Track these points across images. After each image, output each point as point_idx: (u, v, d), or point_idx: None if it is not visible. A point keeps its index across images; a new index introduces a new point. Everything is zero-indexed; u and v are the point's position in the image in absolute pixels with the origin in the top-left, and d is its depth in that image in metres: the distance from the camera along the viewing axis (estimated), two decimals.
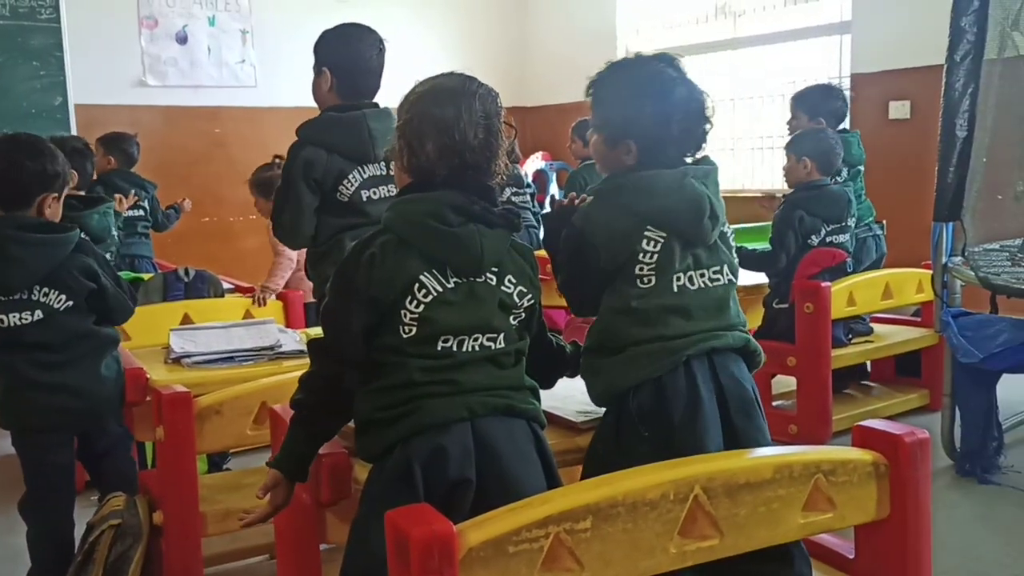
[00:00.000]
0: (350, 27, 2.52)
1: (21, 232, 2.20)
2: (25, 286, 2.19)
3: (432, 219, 1.49)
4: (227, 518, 2.15)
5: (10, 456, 2.41)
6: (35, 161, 2.23)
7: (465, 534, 1.19)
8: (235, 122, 6.46)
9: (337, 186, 2.42)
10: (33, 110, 5.75)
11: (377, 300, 1.48)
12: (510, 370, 1.57)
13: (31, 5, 5.81)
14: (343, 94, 2.47)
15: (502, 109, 1.58)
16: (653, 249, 1.69)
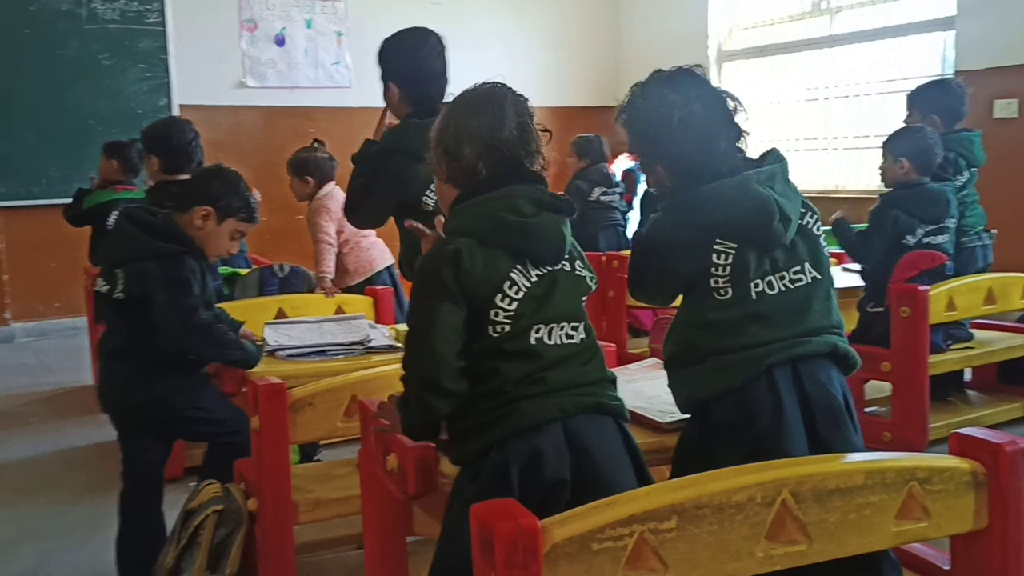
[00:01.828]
0: (406, 34, 2.53)
1: (129, 222, 2.34)
2: (113, 263, 2.32)
3: (508, 213, 1.51)
4: (318, 507, 2.20)
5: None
6: (207, 177, 2.43)
7: (550, 530, 1.20)
8: (329, 122, 6.60)
9: (422, 195, 2.45)
10: (140, 111, 5.99)
11: (468, 296, 1.48)
12: (591, 364, 1.57)
13: (139, 10, 6.05)
14: (413, 102, 2.50)
15: (534, 113, 1.60)
16: (725, 262, 1.66)
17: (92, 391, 4.57)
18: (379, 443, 1.80)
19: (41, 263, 5.92)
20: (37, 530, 2.97)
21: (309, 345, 2.62)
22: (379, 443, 1.80)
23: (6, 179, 5.80)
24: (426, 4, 6.33)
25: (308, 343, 2.63)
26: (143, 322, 2.28)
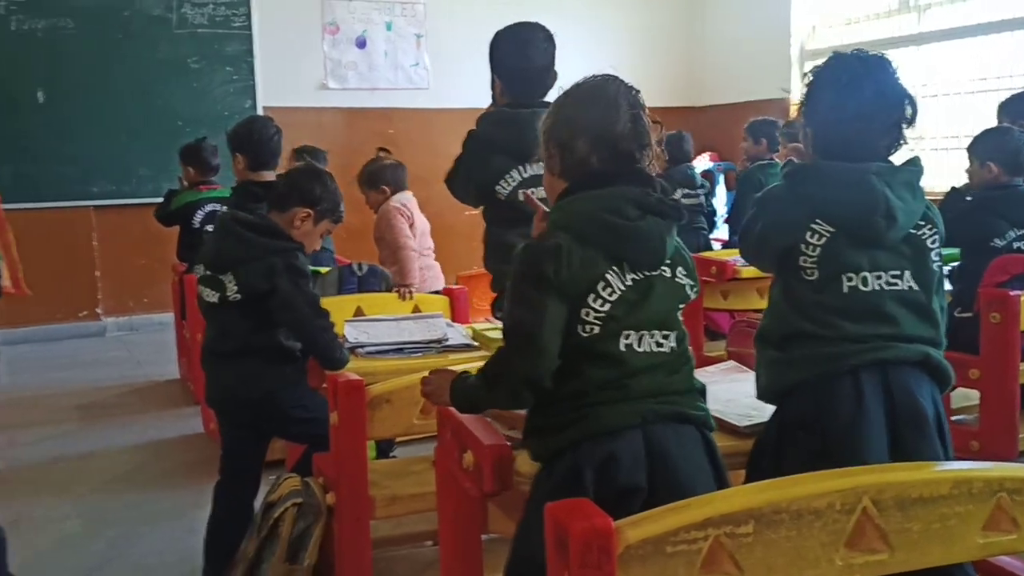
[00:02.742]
0: (516, 28, 2.54)
1: (236, 224, 2.42)
2: (220, 268, 2.38)
3: (611, 214, 1.49)
4: (394, 503, 2.23)
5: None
6: (308, 180, 2.49)
7: (624, 531, 1.20)
8: (408, 123, 6.68)
9: (495, 185, 2.46)
10: (226, 112, 6.15)
11: (567, 291, 1.47)
12: (679, 374, 1.55)
13: (226, 14, 6.21)
14: (515, 95, 2.51)
15: (645, 105, 1.58)
16: (817, 242, 1.66)
17: (178, 384, 4.73)
18: (455, 440, 1.82)
19: (131, 260, 6.13)
20: (125, 516, 3.08)
21: (388, 343, 2.66)
22: (455, 440, 1.82)
23: (99, 179, 6.02)
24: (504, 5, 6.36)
25: (387, 341, 2.67)
26: (262, 319, 2.38)
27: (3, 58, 5.66)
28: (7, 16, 5.68)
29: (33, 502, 3.13)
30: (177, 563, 2.66)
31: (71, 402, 4.47)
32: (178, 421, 4.09)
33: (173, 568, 2.66)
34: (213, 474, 2.53)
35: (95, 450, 3.78)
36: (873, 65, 1.72)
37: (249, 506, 2.45)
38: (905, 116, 1.70)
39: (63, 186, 5.91)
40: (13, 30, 5.69)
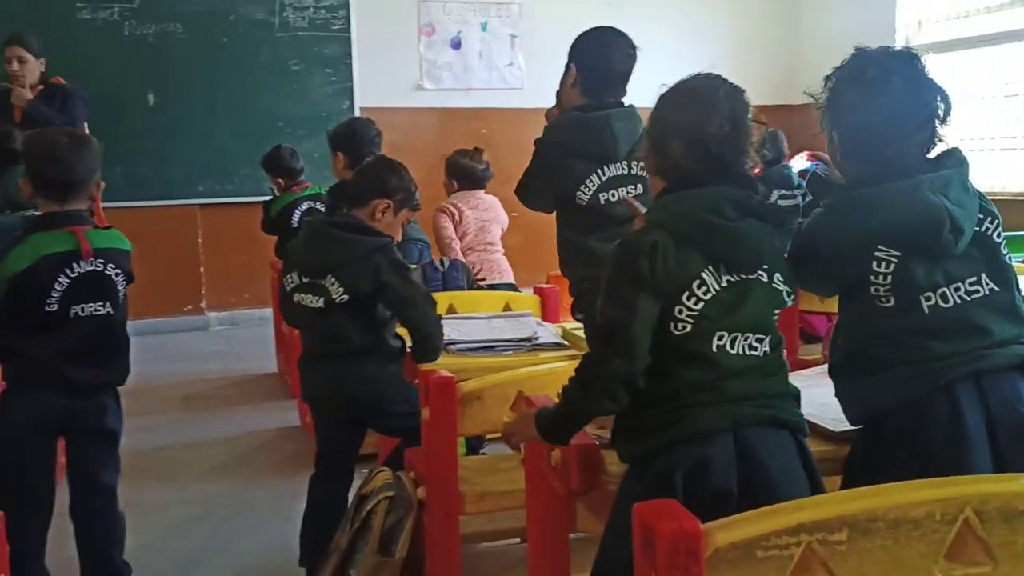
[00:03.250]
0: (603, 29, 2.54)
1: (329, 226, 2.46)
2: (320, 273, 2.42)
3: (711, 214, 1.48)
4: (483, 499, 2.25)
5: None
6: (382, 171, 2.54)
7: (713, 534, 1.19)
8: (501, 123, 6.72)
9: (575, 191, 2.45)
10: (324, 113, 6.29)
11: (661, 289, 1.46)
12: (774, 378, 1.52)
13: (326, 18, 6.36)
14: (587, 92, 2.50)
15: (749, 106, 1.55)
16: (886, 270, 1.57)
17: (276, 378, 4.86)
18: None
19: (233, 257, 6.33)
20: (226, 504, 3.19)
21: (478, 340, 2.68)
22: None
23: (204, 178, 6.23)
24: (599, 4, 6.33)
25: (477, 338, 2.70)
26: (370, 318, 2.43)
27: (116, 63, 5.91)
28: (120, 22, 5.93)
29: (140, 489, 3.26)
30: (274, 551, 2.74)
31: (176, 393, 4.64)
32: (276, 414, 4.21)
33: (271, 556, 2.74)
34: (309, 466, 2.60)
35: (198, 440, 3.92)
36: (899, 59, 1.62)
37: (343, 498, 2.51)
38: (937, 112, 1.60)
39: (170, 185, 6.15)
40: (126, 35, 5.94)
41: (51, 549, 2.51)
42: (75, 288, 2.26)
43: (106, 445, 2.39)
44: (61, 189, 2.29)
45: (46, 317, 2.25)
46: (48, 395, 2.28)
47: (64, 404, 2.29)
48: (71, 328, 2.28)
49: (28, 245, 2.25)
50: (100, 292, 2.31)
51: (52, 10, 5.71)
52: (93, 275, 2.29)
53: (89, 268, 2.28)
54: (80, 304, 2.28)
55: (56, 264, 2.24)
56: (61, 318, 2.26)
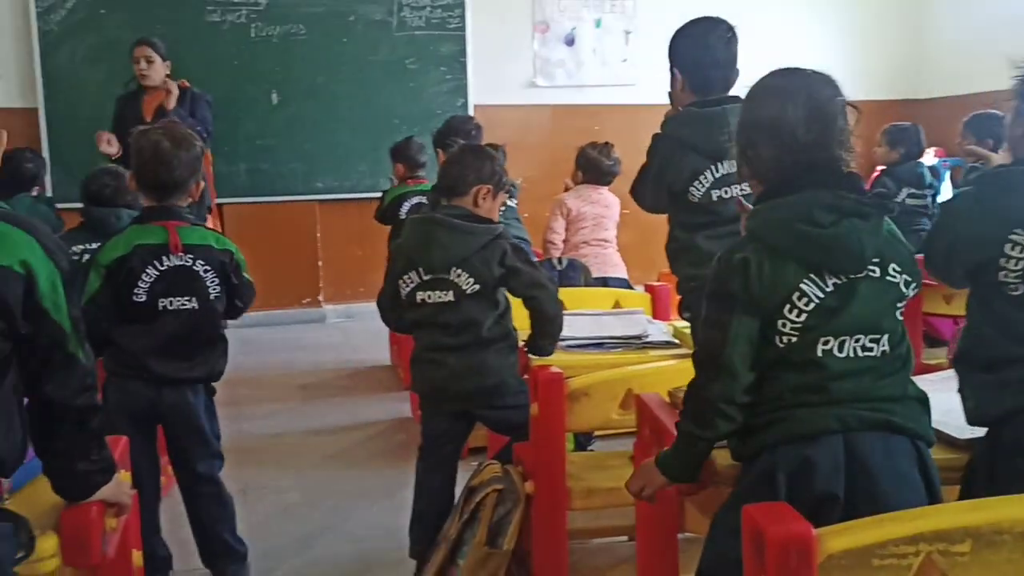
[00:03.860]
0: (695, 22, 2.48)
1: (448, 219, 2.45)
2: (444, 268, 2.44)
3: (803, 223, 1.44)
4: (591, 495, 2.25)
5: None
6: (477, 158, 2.53)
7: (826, 539, 1.16)
8: (614, 119, 6.69)
9: (688, 187, 2.41)
10: (439, 111, 6.39)
11: (758, 305, 1.44)
12: (891, 378, 1.47)
13: (442, 16, 6.46)
14: (695, 91, 2.46)
15: (840, 94, 1.49)
16: (1019, 255, 1.49)
17: (389, 370, 4.97)
18: (654, 437, 1.82)
19: (349, 251, 6.50)
20: (339, 491, 3.29)
21: (587, 337, 2.68)
22: (654, 437, 1.82)
23: (323, 174, 6.42)
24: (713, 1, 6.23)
25: (587, 335, 2.70)
26: (498, 304, 2.45)
27: (242, 64, 6.14)
28: (247, 24, 6.16)
29: (259, 473, 3.40)
30: (385, 538, 2.81)
31: (294, 382, 4.80)
32: (388, 405, 4.31)
33: (381, 542, 2.81)
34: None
35: (314, 428, 4.05)
36: None
37: (450, 489, 2.55)
38: None
39: (292, 181, 6.35)
40: (252, 37, 6.17)
41: (174, 528, 2.64)
42: (163, 281, 2.36)
43: (195, 439, 2.47)
44: (160, 188, 2.40)
45: (135, 308, 2.35)
46: (136, 385, 2.38)
47: (150, 396, 2.39)
48: (159, 321, 2.37)
49: (125, 236, 2.38)
50: (188, 287, 2.39)
51: (182, 14, 5.98)
52: (181, 269, 2.38)
53: (178, 262, 2.37)
54: (168, 297, 2.37)
55: (147, 255, 2.34)
56: (150, 310, 2.36)
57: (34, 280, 1.31)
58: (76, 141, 5.64)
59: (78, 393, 1.41)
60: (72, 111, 5.79)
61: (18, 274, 1.30)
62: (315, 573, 2.70)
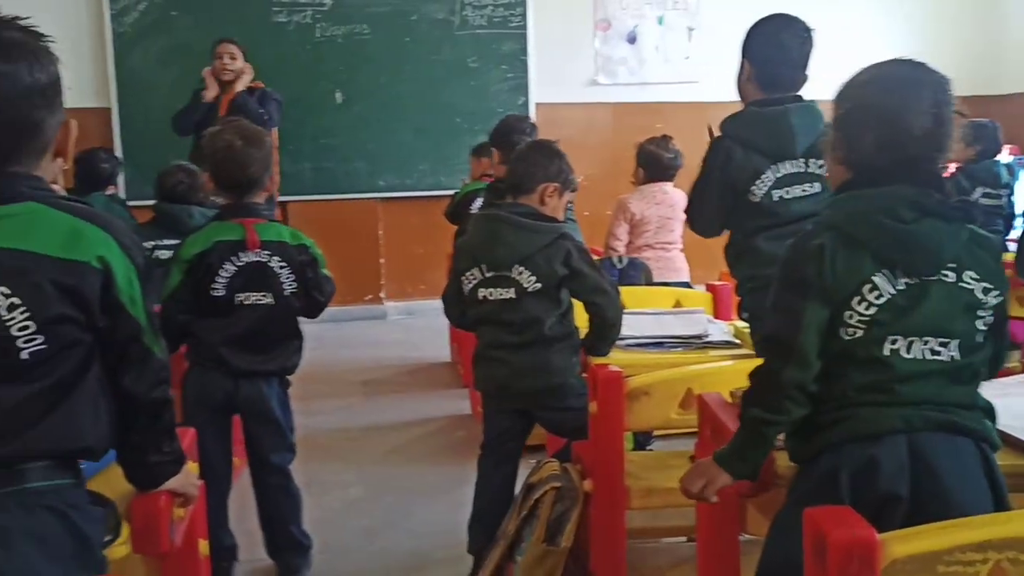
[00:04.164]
0: (773, 18, 2.45)
1: (512, 216, 2.45)
2: (506, 265, 2.44)
3: (885, 216, 1.42)
4: (650, 495, 2.24)
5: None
6: (544, 155, 2.52)
7: (889, 544, 1.14)
8: (677, 117, 6.63)
9: (750, 186, 2.38)
10: (500, 109, 6.40)
11: (829, 293, 1.42)
12: (960, 387, 1.44)
13: (504, 15, 6.48)
14: (762, 85, 2.43)
15: (953, 97, 1.46)
16: None
17: (449, 367, 5.01)
18: (715, 438, 1.80)
19: (411, 249, 6.56)
20: (400, 486, 3.33)
21: (647, 336, 2.67)
22: (715, 438, 1.80)
23: (386, 173, 6.49)
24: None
25: (646, 334, 2.68)
26: (560, 304, 2.44)
27: (308, 63, 6.24)
28: (312, 24, 6.25)
29: (323, 467, 3.45)
30: (445, 534, 2.83)
31: (356, 378, 4.86)
32: (448, 401, 4.34)
33: (441, 538, 2.84)
34: (478, 454, 2.66)
35: (375, 423, 4.10)
36: None
37: (510, 487, 2.56)
38: None
39: (355, 180, 6.43)
40: (317, 37, 6.26)
41: (241, 518, 2.70)
42: (240, 276, 2.42)
43: (270, 429, 2.53)
44: (237, 187, 2.47)
45: (214, 302, 2.42)
46: (214, 376, 2.46)
47: (227, 387, 2.46)
48: (236, 315, 2.44)
49: (205, 232, 2.46)
50: (263, 282, 2.45)
51: (250, 15, 6.09)
52: (257, 265, 2.44)
53: (254, 258, 2.43)
54: (245, 292, 2.44)
55: (225, 250, 2.42)
56: (227, 304, 2.43)
57: (111, 275, 1.35)
58: (147, 140, 5.80)
59: (153, 387, 1.45)
60: (143, 111, 5.94)
61: (95, 269, 1.34)
62: (376, 568, 2.74)
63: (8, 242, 1.29)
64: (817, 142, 2.35)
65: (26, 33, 1.32)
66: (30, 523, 1.29)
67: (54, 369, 1.32)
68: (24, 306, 1.29)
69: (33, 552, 1.28)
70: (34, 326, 1.29)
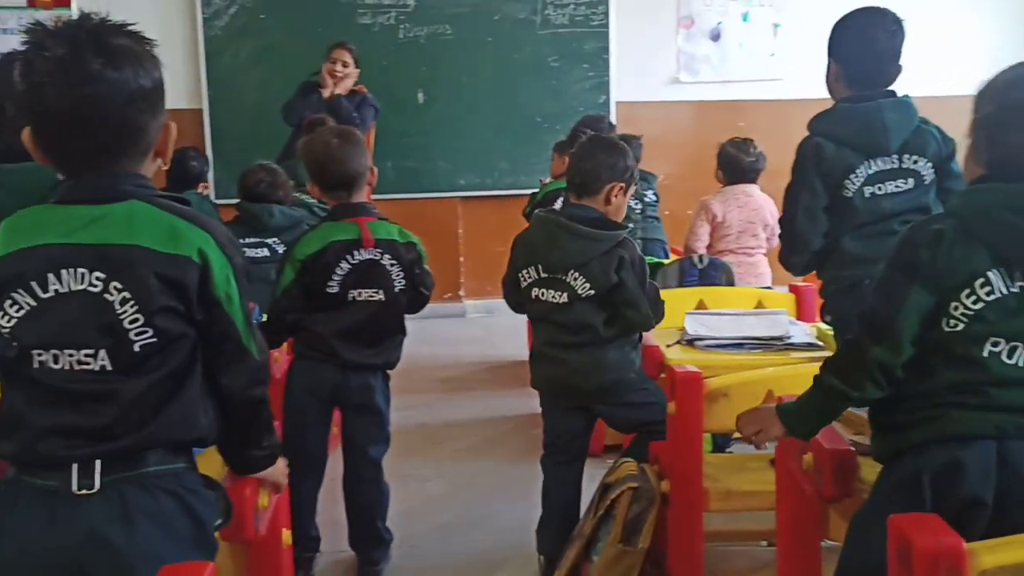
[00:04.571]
0: (858, 12, 2.39)
1: (571, 221, 2.42)
2: (562, 269, 2.44)
3: (1014, 213, 1.38)
4: (728, 497, 2.22)
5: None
6: (611, 154, 2.47)
7: (978, 554, 1.11)
8: (759, 115, 6.52)
9: (843, 181, 2.34)
10: (580, 109, 6.39)
11: (938, 282, 1.39)
12: None
13: (586, 13, 6.46)
14: (852, 82, 2.37)
15: None
16: None
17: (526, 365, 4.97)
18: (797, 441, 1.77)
19: (489, 247, 6.58)
20: (477, 482, 3.36)
21: (727, 337, 2.64)
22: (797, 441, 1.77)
23: (466, 172, 6.53)
24: None
25: (726, 335, 2.65)
26: (614, 310, 2.42)
27: (391, 64, 6.32)
28: (396, 26, 6.34)
29: (402, 462, 3.49)
30: (520, 529, 2.84)
31: (436, 375, 4.92)
32: (525, 400, 4.34)
33: (517, 533, 2.85)
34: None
35: (453, 420, 4.14)
36: None
37: (576, 486, 2.56)
38: None
39: (436, 179, 6.50)
40: (400, 38, 6.34)
41: (324, 509, 2.76)
42: (354, 274, 2.49)
43: (372, 421, 2.60)
44: (341, 186, 2.53)
45: (328, 298, 2.48)
46: (323, 368, 2.52)
47: (335, 378, 2.52)
48: (348, 311, 2.50)
49: (319, 232, 2.52)
50: (375, 279, 2.51)
51: (335, 17, 6.20)
52: (370, 263, 2.50)
53: (368, 256, 2.49)
54: (358, 289, 2.50)
55: (341, 250, 2.47)
56: (340, 300, 2.49)
57: (208, 270, 1.40)
58: (236, 140, 5.96)
59: (251, 386, 1.49)
60: (233, 112, 6.10)
61: (195, 263, 1.39)
62: (451, 563, 2.77)
63: (116, 238, 1.35)
64: (911, 138, 2.30)
65: (134, 39, 1.37)
66: (152, 505, 1.36)
67: (165, 362, 1.38)
68: (133, 300, 1.34)
69: (156, 532, 1.35)
70: (143, 319, 1.35)
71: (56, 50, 1.30)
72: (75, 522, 1.31)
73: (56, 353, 1.33)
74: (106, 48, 1.32)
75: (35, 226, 1.36)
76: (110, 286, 1.33)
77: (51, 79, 1.30)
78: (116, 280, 1.33)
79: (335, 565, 2.73)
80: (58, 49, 1.30)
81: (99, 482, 1.32)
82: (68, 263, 1.33)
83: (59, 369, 1.33)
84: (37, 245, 1.34)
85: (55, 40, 1.31)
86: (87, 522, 1.31)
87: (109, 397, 1.34)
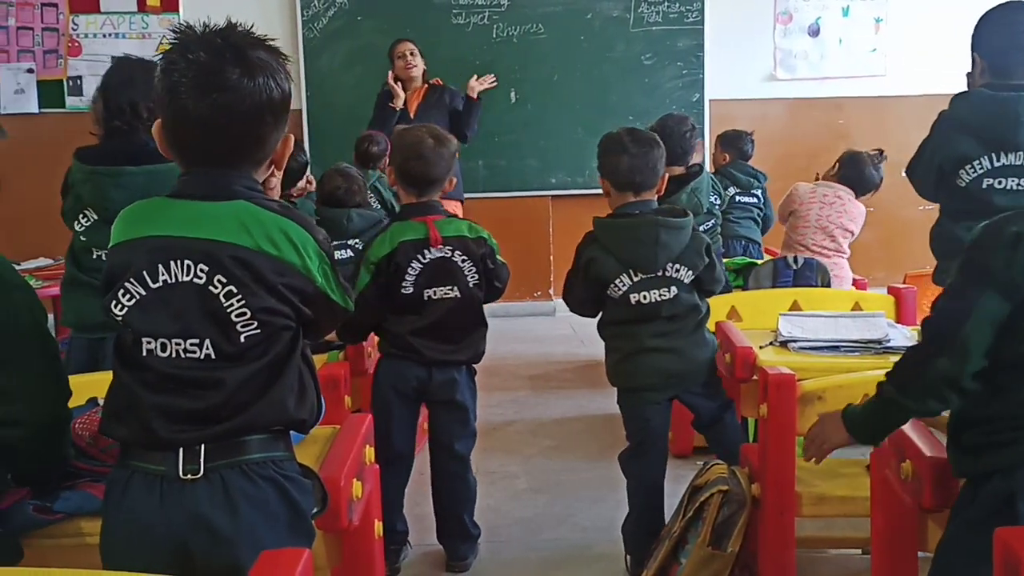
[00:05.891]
0: (1001, 7, 2.33)
1: (669, 218, 2.47)
2: (663, 265, 2.46)
3: None
4: (821, 503, 2.18)
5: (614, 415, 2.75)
6: (656, 149, 2.53)
7: None
8: (859, 112, 6.35)
9: (957, 170, 2.28)
10: (674, 107, 6.32)
11: (1016, 287, 1.32)
12: None
13: (680, 11, 6.39)
14: (994, 76, 2.30)
15: None
16: None
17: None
18: (894, 447, 1.72)
19: None
20: (563, 480, 3.36)
21: (823, 339, 2.58)
22: (894, 447, 1.72)
23: (557, 170, 6.54)
24: None
25: (821, 337, 2.60)
26: (701, 282, 2.52)
27: (484, 63, 6.36)
28: (489, 25, 6.38)
29: (490, 458, 3.53)
30: (607, 528, 2.84)
31: (523, 373, 4.94)
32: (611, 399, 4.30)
33: (604, 533, 2.85)
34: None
35: (540, 417, 4.15)
36: None
37: (662, 485, 2.54)
38: None
39: (527, 177, 6.52)
40: (494, 38, 6.39)
41: (413, 503, 2.81)
42: (427, 273, 2.53)
43: (458, 416, 2.63)
44: (421, 184, 2.57)
45: (404, 299, 2.53)
46: (407, 365, 2.57)
47: (420, 375, 2.57)
48: (426, 309, 2.54)
49: (389, 233, 2.56)
50: (449, 277, 2.55)
51: (430, 17, 6.28)
52: (442, 261, 2.54)
53: (438, 255, 2.52)
54: (432, 288, 2.54)
55: (411, 250, 2.51)
56: (417, 300, 2.54)
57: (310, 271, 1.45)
58: (334, 140, 6.08)
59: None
60: (330, 112, 6.24)
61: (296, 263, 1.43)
62: (536, 560, 2.78)
63: (222, 235, 1.40)
64: None
65: (271, 53, 1.44)
66: (252, 491, 1.41)
67: (267, 351, 1.43)
68: (240, 295, 1.40)
69: (256, 517, 1.40)
70: (249, 312, 1.40)
71: (199, 54, 1.36)
72: (182, 505, 1.37)
73: (164, 341, 1.39)
74: (245, 59, 1.38)
75: (148, 217, 1.43)
76: (214, 279, 1.39)
77: (188, 81, 1.36)
78: (220, 274, 1.39)
79: (423, 558, 2.77)
80: (201, 54, 1.36)
81: (203, 467, 1.38)
82: (175, 255, 1.39)
83: (166, 356, 1.39)
84: (148, 236, 1.41)
85: (199, 44, 1.37)
86: (193, 505, 1.37)
87: (213, 384, 1.40)
